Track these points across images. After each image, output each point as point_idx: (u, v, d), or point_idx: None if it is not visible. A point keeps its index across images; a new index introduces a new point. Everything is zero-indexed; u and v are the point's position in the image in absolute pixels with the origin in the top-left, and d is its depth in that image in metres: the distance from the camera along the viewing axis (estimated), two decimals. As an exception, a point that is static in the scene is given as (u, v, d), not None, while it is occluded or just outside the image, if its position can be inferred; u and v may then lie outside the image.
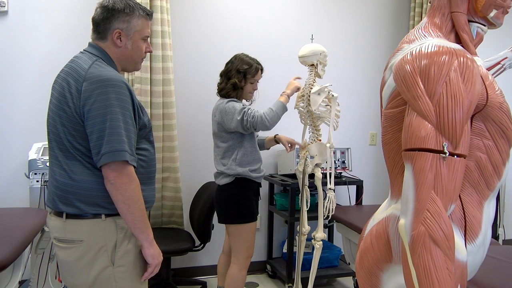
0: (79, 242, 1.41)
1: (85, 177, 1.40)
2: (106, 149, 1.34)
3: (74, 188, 1.40)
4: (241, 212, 2.41)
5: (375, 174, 3.86)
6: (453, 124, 0.97)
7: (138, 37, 1.51)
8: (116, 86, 1.37)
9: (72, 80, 1.39)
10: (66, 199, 1.41)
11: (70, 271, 1.44)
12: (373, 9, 3.78)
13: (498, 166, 1.12)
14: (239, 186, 2.42)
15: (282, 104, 2.36)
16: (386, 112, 1.16)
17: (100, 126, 1.35)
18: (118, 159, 1.35)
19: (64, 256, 1.44)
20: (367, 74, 3.79)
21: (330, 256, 3.30)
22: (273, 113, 2.31)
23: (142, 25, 1.52)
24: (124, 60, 1.53)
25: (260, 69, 2.48)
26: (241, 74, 2.42)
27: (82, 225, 1.41)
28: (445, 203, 0.97)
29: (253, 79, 2.45)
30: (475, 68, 1.01)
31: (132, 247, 1.46)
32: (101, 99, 1.35)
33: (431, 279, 0.93)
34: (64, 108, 1.39)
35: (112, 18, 1.46)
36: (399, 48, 1.14)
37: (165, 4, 3.04)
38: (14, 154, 2.93)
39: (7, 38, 2.91)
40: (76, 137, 1.39)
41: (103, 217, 1.42)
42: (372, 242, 1.19)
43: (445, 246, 0.94)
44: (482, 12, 1.14)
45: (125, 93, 1.39)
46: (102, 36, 1.48)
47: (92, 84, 1.36)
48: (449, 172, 0.97)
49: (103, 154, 1.34)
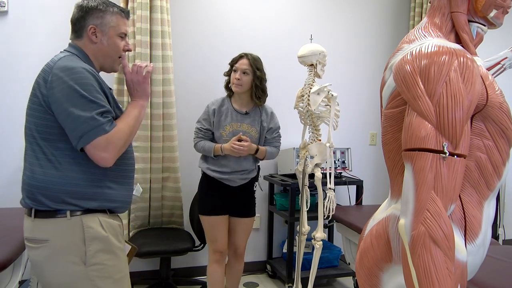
0: (45, 241, 1.41)
1: (48, 170, 1.40)
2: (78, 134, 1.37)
3: (38, 182, 1.40)
4: (200, 204, 2.58)
5: (375, 174, 3.86)
6: (453, 124, 0.96)
7: (114, 33, 1.54)
8: (78, 72, 1.39)
9: (42, 72, 1.44)
10: (31, 193, 1.42)
11: (42, 272, 1.44)
12: (373, 9, 3.78)
13: (498, 166, 1.12)
14: (205, 180, 2.59)
15: (210, 150, 2.49)
16: (386, 112, 1.16)
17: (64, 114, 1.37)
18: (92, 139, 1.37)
19: (34, 256, 1.44)
20: (367, 74, 3.79)
21: (330, 256, 3.30)
22: (200, 149, 2.55)
23: (117, 21, 1.54)
24: (101, 56, 1.55)
25: (241, 56, 2.51)
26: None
27: (48, 224, 1.41)
28: (445, 203, 0.97)
29: (234, 67, 2.50)
30: (475, 68, 1.00)
31: (105, 245, 1.45)
32: (62, 87, 1.37)
33: (431, 279, 0.93)
34: (33, 99, 1.43)
35: (86, 15, 1.50)
36: (399, 48, 1.14)
37: (165, 4, 3.04)
38: (14, 154, 2.93)
39: (7, 38, 2.91)
40: (41, 126, 1.41)
41: (68, 215, 1.41)
42: (372, 242, 1.19)
43: (445, 246, 0.94)
44: (482, 12, 1.14)
45: (88, 77, 1.40)
46: (79, 34, 1.53)
47: (55, 74, 1.39)
48: (449, 172, 0.97)
49: (80, 139, 1.37)
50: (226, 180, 2.53)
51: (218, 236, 2.54)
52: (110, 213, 1.51)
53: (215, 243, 2.54)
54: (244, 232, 2.65)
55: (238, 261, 2.70)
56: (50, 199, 1.40)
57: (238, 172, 2.53)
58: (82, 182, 1.43)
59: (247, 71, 2.46)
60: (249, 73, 2.46)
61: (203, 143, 2.53)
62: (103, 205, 1.47)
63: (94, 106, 1.38)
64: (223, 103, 2.57)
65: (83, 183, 1.43)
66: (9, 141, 2.93)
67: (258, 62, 2.50)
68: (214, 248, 2.55)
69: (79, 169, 1.42)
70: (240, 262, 2.71)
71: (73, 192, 1.41)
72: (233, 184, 2.54)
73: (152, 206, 3.11)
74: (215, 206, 2.54)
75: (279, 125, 2.66)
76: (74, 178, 1.41)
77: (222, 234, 2.55)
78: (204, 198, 2.57)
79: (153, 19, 3.00)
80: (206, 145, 2.52)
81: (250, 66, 2.46)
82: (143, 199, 3.05)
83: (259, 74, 2.48)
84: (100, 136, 1.38)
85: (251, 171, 2.59)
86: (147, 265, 3.29)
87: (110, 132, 1.40)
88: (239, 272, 2.73)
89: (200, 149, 2.55)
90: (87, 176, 1.43)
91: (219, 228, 2.54)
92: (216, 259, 2.55)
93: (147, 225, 3.15)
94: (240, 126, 2.52)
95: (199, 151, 2.57)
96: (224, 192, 2.55)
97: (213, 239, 2.55)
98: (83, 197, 1.43)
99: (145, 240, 2.86)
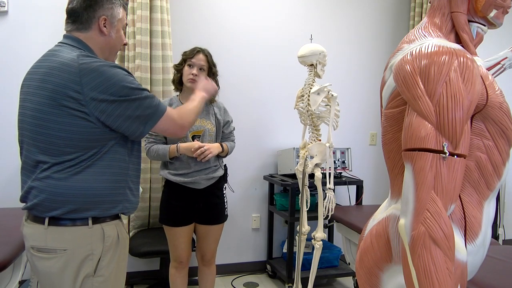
0: (62, 251, 1.31)
1: (71, 178, 1.32)
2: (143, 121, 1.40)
3: (63, 190, 1.32)
4: (161, 214, 2.44)
5: (375, 174, 3.86)
6: (453, 124, 0.96)
7: (120, 26, 1.49)
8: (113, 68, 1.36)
9: (63, 73, 1.30)
10: (52, 201, 1.32)
11: (51, 284, 1.34)
12: (373, 9, 3.78)
13: (498, 166, 1.12)
14: (167, 188, 2.43)
15: (165, 154, 2.32)
16: (386, 112, 1.16)
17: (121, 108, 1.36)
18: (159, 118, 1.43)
19: (45, 267, 1.33)
20: (367, 74, 3.79)
21: (330, 256, 3.30)
22: (153, 154, 2.35)
23: (122, 14, 1.50)
24: (108, 49, 1.48)
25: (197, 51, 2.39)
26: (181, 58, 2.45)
27: (66, 233, 1.33)
28: (445, 203, 0.97)
29: (189, 62, 2.36)
30: (475, 68, 1.00)
31: (115, 258, 1.41)
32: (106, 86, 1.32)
33: (431, 279, 0.93)
34: (53, 103, 1.30)
35: (96, 5, 1.41)
36: (399, 48, 1.14)
37: (165, 4, 3.04)
38: (14, 154, 2.93)
39: (7, 38, 2.91)
40: (70, 132, 1.30)
41: (90, 224, 1.35)
42: (372, 242, 1.19)
43: (445, 246, 0.94)
44: (482, 12, 1.14)
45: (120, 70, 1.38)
46: (86, 26, 1.42)
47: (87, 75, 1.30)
48: (449, 172, 0.97)
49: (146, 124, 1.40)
50: (191, 184, 2.35)
51: (179, 247, 2.39)
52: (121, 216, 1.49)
53: (175, 253, 2.41)
54: (212, 240, 2.47)
55: (208, 267, 2.52)
56: (74, 208, 1.33)
57: (201, 172, 2.36)
58: (110, 185, 1.38)
59: (203, 67, 2.37)
60: (205, 69, 2.38)
61: (156, 147, 2.34)
62: (124, 206, 1.44)
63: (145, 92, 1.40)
64: (172, 102, 2.45)
65: (107, 190, 1.38)
66: (9, 141, 2.93)
67: (212, 58, 2.44)
68: (174, 256, 2.42)
69: (103, 176, 1.36)
70: (210, 268, 2.53)
71: (98, 199, 1.36)
72: (198, 186, 2.36)
73: (152, 206, 3.11)
74: (178, 216, 2.37)
75: (232, 119, 2.57)
76: (101, 182, 1.36)
77: (183, 245, 2.40)
78: (167, 208, 2.40)
79: (153, 19, 3.01)
80: (160, 149, 2.33)
81: (207, 62, 2.39)
82: (143, 199, 3.05)
83: (214, 71, 2.42)
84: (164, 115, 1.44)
85: (216, 169, 2.42)
86: (147, 265, 3.29)
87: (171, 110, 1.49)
88: (211, 279, 2.55)
89: (154, 154, 2.35)
90: (111, 183, 1.39)
91: (181, 239, 2.39)
92: (175, 266, 2.43)
93: (147, 225, 3.15)
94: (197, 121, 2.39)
95: (152, 158, 2.38)
96: (189, 198, 2.37)
97: (173, 248, 2.41)
98: (107, 204, 1.38)
99: (145, 240, 2.86)
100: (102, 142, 1.36)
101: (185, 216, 2.39)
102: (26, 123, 1.36)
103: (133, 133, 1.40)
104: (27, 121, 1.35)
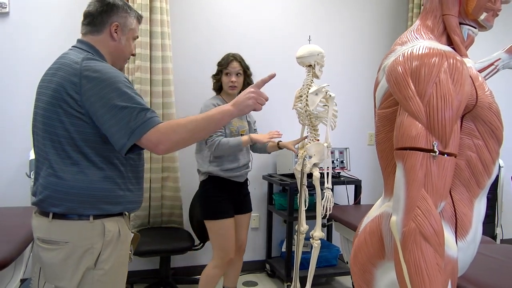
0: (64, 243, 1.37)
1: (76, 175, 1.36)
2: (128, 131, 1.33)
3: (66, 188, 1.36)
4: (209, 209, 2.53)
5: (373, 173, 3.88)
6: (442, 124, 0.99)
7: (131, 35, 1.55)
8: (112, 71, 1.38)
9: (65, 74, 1.36)
10: (55, 198, 1.38)
11: (54, 274, 1.39)
12: (371, 10, 3.80)
13: (488, 165, 1.14)
14: (212, 184, 2.53)
15: (239, 143, 2.44)
16: (379, 112, 1.18)
17: (110, 114, 1.33)
18: (145, 132, 1.33)
19: (48, 258, 1.39)
20: (365, 75, 3.81)
21: (328, 255, 3.32)
22: (226, 146, 2.42)
23: (135, 25, 1.57)
24: (117, 55, 1.53)
25: (231, 59, 2.55)
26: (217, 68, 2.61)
27: (68, 226, 1.38)
28: (435, 201, 0.99)
29: (226, 70, 2.55)
30: (465, 70, 1.03)
31: (115, 252, 1.44)
32: (101, 87, 1.34)
33: (422, 274, 0.95)
34: (55, 102, 1.36)
35: (111, 12, 1.49)
36: (392, 50, 1.17)
37: (164, 6, 3.07)
38: (15, 153, 2.95)
39: (9, 39, 2.93)
40: (70, 131, 1.35)
41: (91, 218, 1.39)
42: (366, 239, 1.22)
43: (435, 242, 0.97)
44: (473, 14, 1.17)
45: (121, 75, 1.39)
46: (98, 29, 1.49)
47: (86, 77, 1.34)
48: (439, 170, 0.99)
49: (131, 134, 1.32)
50: (236, 177, 2.55)
51: (230, 240, 2.52)
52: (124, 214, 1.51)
53: (225, 251, 2.51)
54: (247, 227, 2.72)
55: (241, 257, 2.74)
56: (77, 204, 1.37)
57: (244, 166, 2.61)
58: (108, 186, 1.41)
59: (240, 72, 2.56)
60: (241, 74, 2.58)
61: (226, 139, 2.44)
62: (126, 207, 1.47)
63: (139, 103, 1.36)
64: (221, 102, 2.58)
65: (109, 188, 1.41)
66: (10, 141, 2.95)
67: (245, 62, 2.61)
68: (224, 256, 2.51)
69: (104, 175, 1.40)
70: (241, 258, 2.75)
71: (100, 197, 1.39)
72: (240, 179, 2.59)
73: (152, 206, 3.14)
74: (225, 209, 2.52)
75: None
76: (100, 183, 1.39)
77: (231, 241, 2.53)
78: (212, 203, 2.52)
79: (153, 20, 3.03)
80: (230, 140, 2.43)
81: (242, 67, 2.57)
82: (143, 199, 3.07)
83: (249, 73, 2.61)
84: (153, 128, 1.34)
85: (251, 163, 2.71)
86: (147, 264, 3.31)
87: (162, 124, 1.36)
88: (239, 268, 2.77)
89: (225, 145, 2.41)
90: (113, 181, 1.42)
91: (230, 232, 2.51)
92: (221, 265, 2.52)
93: (147, 224, 3.18)
94: (240, 121, 2.62)
95: (221, 149, 2.41)
96: (230, 191, 2.56)
97: (225, 242, 2.51)
98: (110, 202, 1.42)
99: (145, 239, 2.88)
100: (100, 144, 1.39)
101: (230, 208, 2.56)
102: (38, 122, 1.43)
103: (116, 143, 1.36)
104: (38, 120, 1.42)
